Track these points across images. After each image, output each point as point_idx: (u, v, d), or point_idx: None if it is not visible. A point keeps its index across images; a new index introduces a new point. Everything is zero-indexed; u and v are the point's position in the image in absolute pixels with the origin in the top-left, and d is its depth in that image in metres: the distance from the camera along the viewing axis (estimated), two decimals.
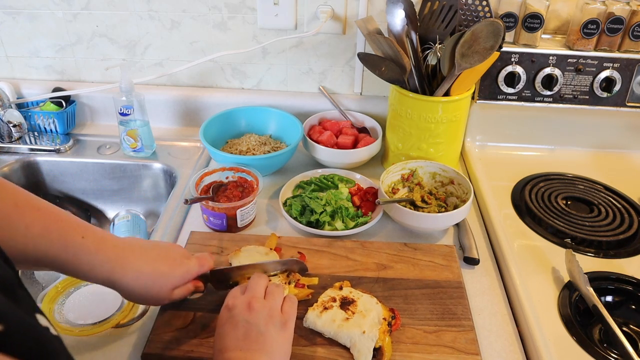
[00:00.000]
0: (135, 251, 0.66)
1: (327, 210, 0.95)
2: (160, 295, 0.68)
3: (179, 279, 0.69)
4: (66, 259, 0.59)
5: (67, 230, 0.60)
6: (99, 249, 0.62)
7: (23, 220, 0.55)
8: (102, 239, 0.63)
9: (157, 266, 0.67)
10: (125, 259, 0.64)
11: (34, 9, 1.19)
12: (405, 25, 1.00)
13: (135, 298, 0.67)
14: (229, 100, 1.24)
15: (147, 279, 0.66)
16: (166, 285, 0.68)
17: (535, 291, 0.82)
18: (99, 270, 0.62)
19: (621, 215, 1.00)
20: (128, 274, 0.64)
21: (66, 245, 0.59)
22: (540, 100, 1.14)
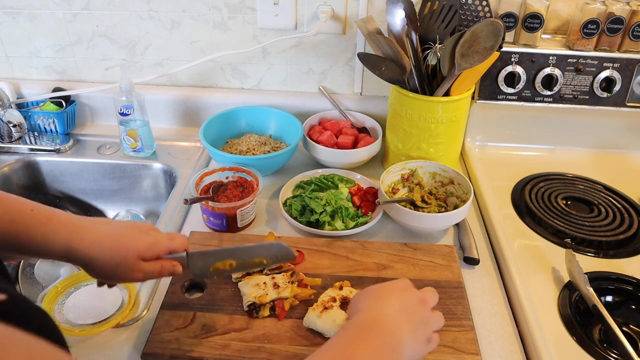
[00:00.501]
0: (94, 221, 0.62)
1: (327, 210, 0.95)
2: (127, 263, 0.61)
3: (146, 247, 0.62)
4: (17, 233, 0.57)
5: (14, 206, 0.58)
6: (51, 218, 0.59)
7: None
8: (53, 211, 0.60)
9: (121, 230, 0.62)
10: (83, 225, 0.60)
11: (34, 9, 1.19)
12: (405, 25, 1.00)
13: (98, 266, 0.60)
14: (229, 100, 1.24)
15: (109, 242, 0.60)
16: (132, 251, 0.61)
17: (535, 291, 0.82)
18: (53, 239, 0.58)
19: (621, 215, 1.00)
20: (87, 239, 0.59)
21: (14, 219, 0.57)
22: (540, 100, 1.14)
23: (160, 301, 0.78)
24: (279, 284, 0.77)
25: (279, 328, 0.74)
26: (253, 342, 0.71)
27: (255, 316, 0.75)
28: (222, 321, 0.74)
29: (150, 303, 0.80)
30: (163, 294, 0.80)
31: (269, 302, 0.75)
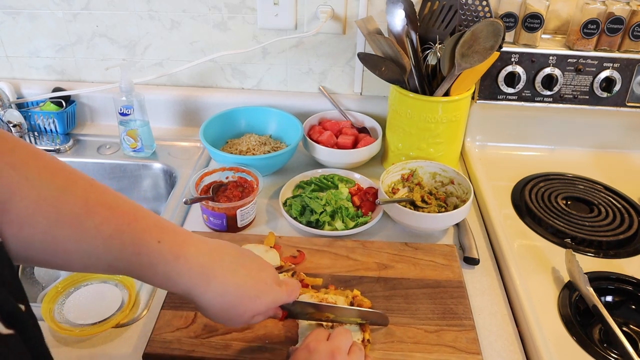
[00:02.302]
0: (224, 262, 0.58)
1: (327, 210, 0.95)
2: (241, 319, 0.59)
3: (265, 306, 0.60)
4: (140, 267, 0.52)
5: (142, 232, 0.52)
6: (178, 257, 0.54)
7: (93, 220, 0.49)
8: (183, 244, 0.55)
9: (247, 287, 0.58)
10: (211, 273, 0.56)
11: (34, 9, 1.19)
12: (405, 25, 1.00)
13: (212, 316, 0.58)
14: (229, 100, 1.24)
15: (232, 299, 0.57)
16: (251, 310, 0.59)
17: (535, 291, 0.82)
18: (176, 282, 0.54)
19: (621, 215, 1.00)
20: (211, 291, 0.55)
21: (139, 252, 0.51)
22: (540, 100, 1.14)
23: (160, 301, 0.78)
24: None
25: (280, 328, 0.74)
26: (254, 342, 0.71)
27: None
28: None
29: (150, 303, 0.80)
30: (163, 293, 0.80)
31: None
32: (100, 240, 0.50)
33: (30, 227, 0.45)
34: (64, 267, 0.51)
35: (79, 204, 0.49)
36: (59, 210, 0.47)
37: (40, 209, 0.46)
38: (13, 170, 0.46)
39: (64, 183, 0.49)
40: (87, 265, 0.51)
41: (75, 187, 0.49)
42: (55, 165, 0.49)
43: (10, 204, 0.45)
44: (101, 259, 0.51)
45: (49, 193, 0.47)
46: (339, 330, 0.63)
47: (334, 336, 0.62)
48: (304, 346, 0.60)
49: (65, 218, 0.48)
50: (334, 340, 0.61)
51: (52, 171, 0.48)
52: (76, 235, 0.48)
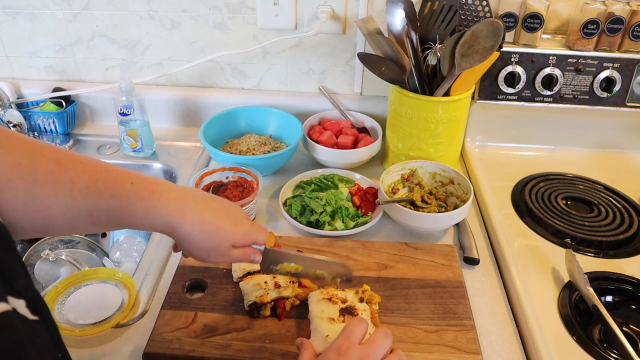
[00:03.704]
0: (196, 197, 0.61)
1: (327, 210, 0.95)
2: (219, 250, 0.62)
3: (238, 237, 0.64)
4: (118, 208, 0.55)
5: (114, 178, 0.56)
6: (152, 192, 0.57)
7: (66, 174, 0.53)
8: (155, 184, 0.59)
9: (220, 217, 0.62)
10: (185, 203, 0.59)
11: (34, 9, 1.19)
12: (405, 25, 1.00)
13: (194, 247, 0.61)
14: (229, 100, 1.24)
15: (209, 226, 0.60)
16: (226, 239, 0.62)
17: (535, 291, 0.82)
18: (155, 216, 0.57)
19: (621, 215, 1.00)
20: (189, 219, 0.59)
21: (115, 194, 0.55)
22: (540, 100, 1.14)
23: (160, 301, 0.78)
24: (280, 283, 0.77)
25: (280, 328, 0.74)
26: (254, 342, 0.71)
27: (256, 316, 0.75)
28: (223, 321, 0.74)
29: (150, 303, 0.81)
30: (163, 294, 0.80)
31: (270, 301, 0.75)
32: (76, 192, 0.53)
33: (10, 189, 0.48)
34: (48, 227, 0.54)
35: (52, 163, 0.52)
36: (34, 171, 0.51)
37: (16, 171, 0.50)
38: None
39: (34, 148, 0.52)
40: (69, 219, 0.53)
41: (45, 150, 0.53)
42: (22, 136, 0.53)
43: None
44: (81, 210, 0.54)
45: (22, 157, 0.50)
46: (376, 335, 0.60)
47: (370, 341, 0.59)
48: (336, 346, 0.58)
49: (41, 176, 0.51)
50: (368, 346, 0.58)
51: (20, 140, 0.52)
52: (54, 191, 0.52)
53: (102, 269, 0.85)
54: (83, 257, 0.98)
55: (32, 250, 0.97)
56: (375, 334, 0.60)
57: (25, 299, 0.35)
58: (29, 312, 0.35)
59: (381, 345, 0.59)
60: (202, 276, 0.82)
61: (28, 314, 0.35)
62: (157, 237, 0.94)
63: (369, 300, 0.76)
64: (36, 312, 0.35)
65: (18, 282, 0.36)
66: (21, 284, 0.36)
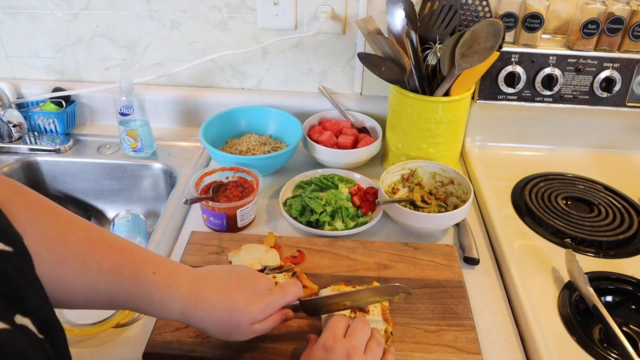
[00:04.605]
0: (210, 283, 0.62)
1: (327, 210, 0.95)
2: (240, 331, 0.62)
3: (259, 313, 0.63)
4: (138, 296, 0.57)
5: (138, 265, 0.57)
6: (171, 285, 0.58)
7: (94, 256, 0.54)
8: (175, 273, 0.60)
9: (233, 299, 0.62)
10: (199, 294, 0.60)
11: (34, 9, 1.19)
12: (405, 25, 1.00)
13: (213, 334, 0.63)
14: (229, 100, 1.24)
15: (222, 313, 0.61)
16: (244, 320, 0.62)
17: (535, 291, 0.82)
18: (171, 308, 0.59)
19: (621, 215, 1.00)
20: (200, 311, 0.60)
21: (137, 282, 0.56)
22: (540, 100, 1.14)
23: None
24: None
25: (280, 328, 0.73)
26: (254, 341, 0.71)
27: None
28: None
29: None
30: None
31: None
32: (101, 274, 0.54)
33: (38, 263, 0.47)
34: (67, 302, 0.54)
35: (82, 242, 0.53)
36: (65, 248, 0.52)
37: (47, 246, 0.50)
38: (24, 211, 0.50)
39: (67, 223, 0.54)
40: (89, 299, 0.54)
41: (78, 227, 0.54)
42: (58, 209, 0.54)
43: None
44: (102, 292, 0.54)
45: (54, 232, 0.51)
46: (356, 325, 0.63)
47: (351, 332, 0.62)
48: (321, 344, 0.61)
49: (69, 255, 0.52)
50: (351, 338, 0.62)
51: (56, 213, 0.53)
52: (79, 271, 0.52)
53: None
54: None
55: None
56: (354, 324, 0.64)
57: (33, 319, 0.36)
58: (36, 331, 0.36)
59: (363, 334, 0.63)
60: None
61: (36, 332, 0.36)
62: (157, 236, 0.94)
63: None
64: (43, 332, 0.36)
65: (31, 303, 0.37)
66: (33, 304, 0.37)
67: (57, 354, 0.37)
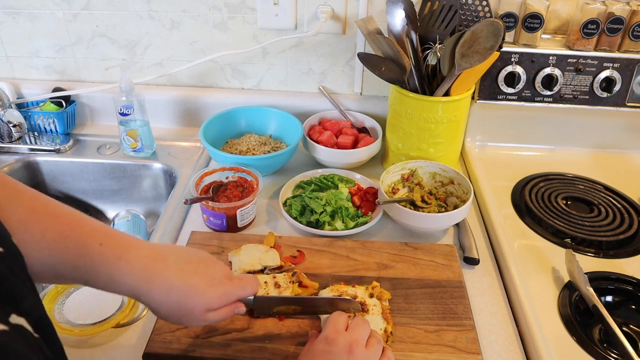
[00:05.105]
0: (168, 261, 0.59)
1: (327, 210, 0.95)
2: (192, 316, 0.60)
3: (215, 300, 0.61)
4: (84, 269, 0.53)
5: (85, 236, 0.54)
6: (119, 257, 0.55)
7: (38, 226, 0.51)
8: (126, 246, 0.56)
9: (192, 282, 0.59)
10: (154, 270, 0.57)
11: (34, 9, 1.19)
12: (405, 25, 1.00)
13: (163, 315, 0.59)
14: (229, 100, 1.24)
15: (178, 294, 0.58)
16: (200, 305, 0.59)
17: (535, 291, 0.82)
18: (120, 282, 0.55)
19: (621, 215, 1.00)
20: (155, 288, 0.57)
21: (82, 254, 0.53)
22: (540, 100, 1.14)
23: None
24: (280, 283, 0.77)
25: (280, 328, 0.74)
26: (254, 342, 0.71)
27: (256, 316, 0.75)
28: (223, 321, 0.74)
29: None
30: None
31: None
32: (45, 245, 0.52)
33: None
34: None
35: (26, 211, 0.51)
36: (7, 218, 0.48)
37: None
38: None
39: (11, 193, 0.51)
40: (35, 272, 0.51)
41: (22, 197, 0.52)
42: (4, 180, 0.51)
43: None
44: (47, 265, 0.52)
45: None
46: (357, 321, 0.64)
47: (352, 327, 0.63)
48: (323, 337, 0.61)
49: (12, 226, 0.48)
50: (353, 331, 0.62)
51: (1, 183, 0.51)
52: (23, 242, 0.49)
53: None
54: None
55: None
56: (354, 321, 0.64)
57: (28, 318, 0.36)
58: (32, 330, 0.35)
59: (364, 328, 0.63)
60: None
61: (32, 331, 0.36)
62: (157, 236, 0.94)
63: (379, 297, 0.77)
64: (38, 331, 0.36)
65: (25, 303, 0.36)
66: (27, 304, 0.37)
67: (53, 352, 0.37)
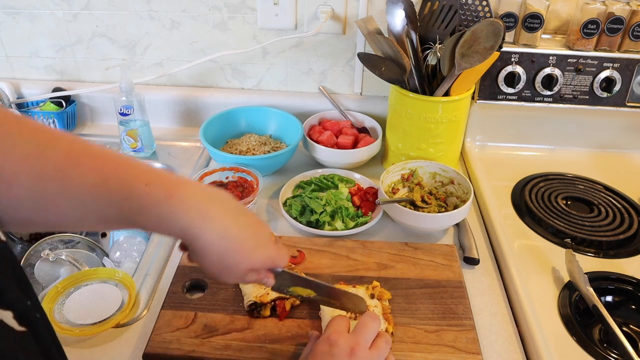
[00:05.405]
0: (224, 206, 0.54)
1: (327, 210, 0.95)
2: (235, 271, 0.56)
3: (260, 261, 0.58)
4: (130, 211, 0.50)
5: (128, 177, 0.50)
6: (170, 196, 0.51)
7: (76, 170, 0.48)
8: (174, 185, 0.52)
9: (245, 235, 0.55)
10: (210, 212, 0.52)
11: (34, 9, 1.19)
12: (405, 25, 1.00)
13: (208, 261, 0.54)
14: (229, 100, 1.24)
15: (231, 244, 0.54)
16: (245, 262, 0.56)
17: (535, 291, 0.82)
18: (172, 222, 0.51)
19: (621, 215, 1.00)
20: (210, 230, 0.52)
21: (128, 196, 0.49)
22: (540, 100, 1.14)
23: (160, 301, 0.78)
24: None
25: (280, 328, 0.74)
26: (254, 342, 0.71)
27: (256, 316, 0.75)
28: (223, 321, 0.74)
29: (150, 303, 0.81)
30: (163, 293, 0.80)
31: (270, 301, 0.75)
32: (86, 189, 0.48)
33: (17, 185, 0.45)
34: (59, 223, 0.51)
35: (63, 156, 0.48)
36: (43, 165, 0.47)
37: (25, 165, 0.46)
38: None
39: (46, 138, 0.48)
40: (80, 218, 0.50)
41: (58, 142, 0.49)
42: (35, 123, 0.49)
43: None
44: (91, 210, 0.49)
45: (31, 149, 0.46)
46: (364, 320, 0.62)
47: (357, 328, 0.62)
48: (325, 338, 0.60)
49: (49, 171, 0.47)
50: (356, 334, 0.61)
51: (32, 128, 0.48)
52: (63, 188, 0.48)
53: (102, 269, 0.85)
54: (83, 257, 0.98)
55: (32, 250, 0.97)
56: (363, 319, 0.62)
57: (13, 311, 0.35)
58: (16, 324, 0.35)
59: (370, 329, 0.62)
60: (202, 276, 0.82)
61: (16, 325, 0.35)
62: (157, 237, 0.94)
63: (379, 297, 0.77)
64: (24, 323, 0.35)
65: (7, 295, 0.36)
66: (10, 296, 0.36)
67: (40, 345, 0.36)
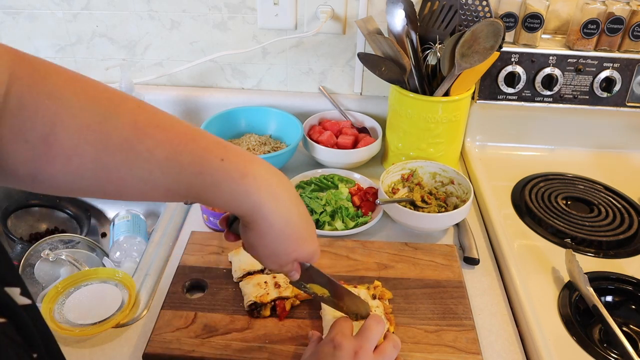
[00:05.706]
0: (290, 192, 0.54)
1: (327, 210, 0.95)
2: (284, 257, 0.56)
3: (306, 254, 0.58)
4: (202, 186, 0.48)
5: (202, 151, 0.48)
6: (245, 175, 0.49)
7: (144, 143, 0.45)
8: (248, 163, 0.50)
9: (302, 225, 0.55)
10: (279, 195, 0.52)
11: (34, 9, 1.19)
12: (405, 25, 1.00)
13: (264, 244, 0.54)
14: (229, 100, 1.24)
15: (291, 230, 0.53)
16: (297, 252, 0.56)
17: (535, 291, 0.82)
18: (244, 200, 0.50)
19: (621, 215, 1.00)
20: (279, 212, 0.52)
21: (201, 171, 0.47)
22: (540, 100, 1.14)
23: (160, 301, 0.78)
24: (280, 283, 0.77)
25: (280, 328, 0.74)
26: (254, 342, 0.71)
27: (256, 316, 0.75)
28: (223, 321, 0.74)
29: (150, 303, 0.81)
30: (163, 293, 0.80)
31: (270, 301, 0.75)
32: (155, 164, 0.46)
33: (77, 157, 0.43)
34: (119, 195, 0.48)
35: (128, 128, 0.45)
36: (106, 137, 0.44)
37: (85, 137, 0.43)
38: (49, 100, 0.43)
39: (109, 107, 0.45)
40: (144, 191, 0.48)
41: (121, 109, 0.46)
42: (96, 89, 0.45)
43: (53, 137, 0.42)
44: (158, 184, 0.47)
45: (92, 119, 0.43)
46: (369, 324, 0.62)
47: (362, 331, 0.61)
48: (329, 340, 0.60)
49: (113, 144, 0.44)
50: (361, 337, 0.60)
51: (93, 95, 0.45)
52: (128, 161, 0.45)
53: (102, 269, 0.85)
54: (83, 257, 0.98)
55: (32, 250, 0.98)
56: (368, 322, 0.62)
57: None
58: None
59: (375, 332, 0.61)
60: (202, 276, 0.82)
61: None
62: (157, 237, 0.94)
63: (380, 297, 0.77)
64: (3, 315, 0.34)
65: None
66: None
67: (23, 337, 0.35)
